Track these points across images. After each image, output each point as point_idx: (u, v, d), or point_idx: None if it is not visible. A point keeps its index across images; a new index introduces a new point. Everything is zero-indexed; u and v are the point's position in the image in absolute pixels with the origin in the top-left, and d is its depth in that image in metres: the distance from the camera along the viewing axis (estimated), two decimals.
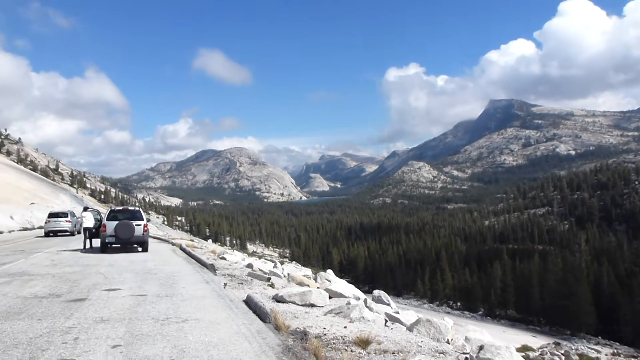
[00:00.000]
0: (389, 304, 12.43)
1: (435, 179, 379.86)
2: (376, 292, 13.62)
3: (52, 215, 32.44)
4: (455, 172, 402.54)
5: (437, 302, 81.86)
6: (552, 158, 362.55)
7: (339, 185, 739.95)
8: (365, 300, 10.90)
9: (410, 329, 7.45)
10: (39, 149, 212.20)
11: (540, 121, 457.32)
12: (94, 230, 20.87)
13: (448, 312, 69.03)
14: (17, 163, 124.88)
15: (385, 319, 8.48)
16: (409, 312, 11.60)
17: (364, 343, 5.61)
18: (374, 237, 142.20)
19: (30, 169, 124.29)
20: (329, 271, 17.84)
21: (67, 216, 32.69)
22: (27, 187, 69.85)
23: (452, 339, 7.34)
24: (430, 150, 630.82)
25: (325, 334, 6.12)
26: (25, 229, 40.72)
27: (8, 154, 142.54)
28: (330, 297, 9.41)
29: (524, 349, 36.42)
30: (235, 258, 19.89)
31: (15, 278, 11.01)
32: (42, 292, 9.02)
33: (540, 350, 38.01)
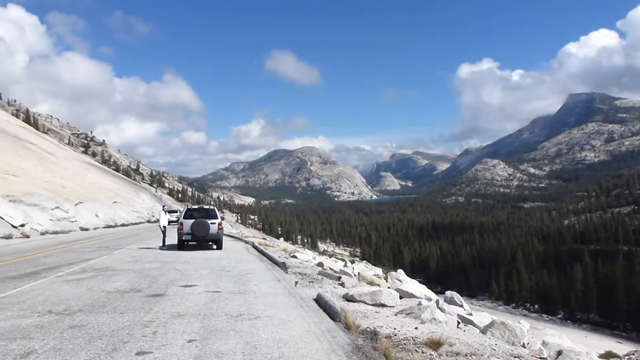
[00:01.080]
0: (461, 306, 12.15)
1: (511, 177, 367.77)
2: (448, 293, 13.35)
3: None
4: (532, 170, 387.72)
5: (513, 305, 79.20)
6: (639, 154, 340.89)
7: (410, 184, 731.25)
8: (437, 301, 10.71)
9: (483, 331, 7.24)
10: (121, 150, 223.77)
11: (624, 115, 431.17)
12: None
13: (524, 315, 66.68)
14: (102, 164, 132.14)
15: (457, 321, 8.30)
16: (482, 314, 11.28)
17: (435, 345, 5.51)
18: (447, 237, 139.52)
19: (113, 169, 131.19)
20: (400, 271, 17.65)
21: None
22: (110, 186, 73.70)
23: (528, 343, 7.06)
24: (505, 147, 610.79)
25: (395, 335, 6.07)
26: (109, 227, 42.98)
27: (93, 155, 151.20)
28: (401, 298, 9.33)
29: (607, 355, 34.38)
30: (306, 257, 20.09)
31: (100, 273, 11.65)
32: (124, 287, 9.50)
33: (626, 357, 35.84)
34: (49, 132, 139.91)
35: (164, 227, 21.36)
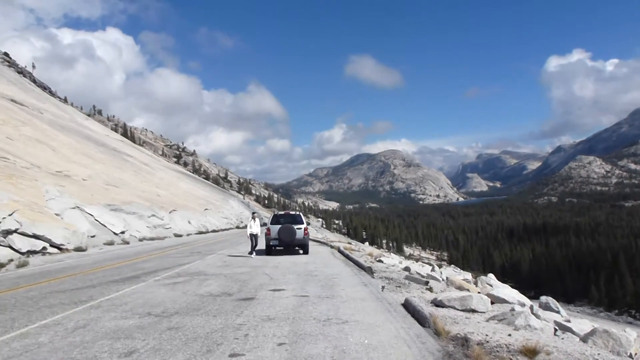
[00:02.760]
0: (558, 312, 11.55)
1: (609, 174, 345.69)
2: (543, 298, 12.73)
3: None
4: (632, 166, 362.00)
5: (616, 311, 74.11)
6: None
7: (498, 185, 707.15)
8: (531, 307, 10.24)
9: (584, 339, 6.84)
10: (211, 159, 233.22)
11: None
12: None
13: (629, 323, 62.21)
14: (193, 173, 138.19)
15: (554, 328, 7.90)
16: (581, 321, 10.65)
17: (531, 353, 5.27)
18: (539, 239, 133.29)
19: (203, 178, 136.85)
20: (490, 275, 17.08)
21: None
22: (201, 194, 76.84)
23: (635, 353, 6.59)
24: (601, 142, 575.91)
25: (487, 341, 5.87)
26: (200, 233, 44.82)
27: (185, 164, 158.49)
28: (492, 303, 9.01)
29: None
30: (392, 261, 19.90)
31: (194, 277, 12.16)
32: (216, 291, 9.85)
33: None
34: (144, 145, 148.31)
35: (255, 234, 19.82)
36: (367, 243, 77.60)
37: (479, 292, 10.36)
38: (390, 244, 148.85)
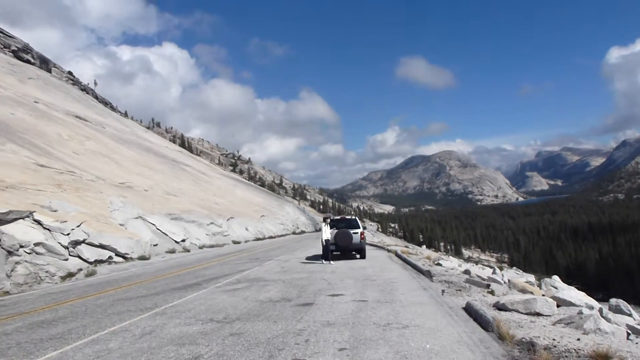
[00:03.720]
0: (630, 315, 11.05)
1: None
2: (613, 300, 12.20)
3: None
4: None
5: None
6: None
7: (559, 183, 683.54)
8: (600, 310, 9.84)
9: None
10: (265, 166, 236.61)
11: None
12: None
13: None
14: (248, 180, 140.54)
15: (627, 332, 7.53)
16: None
17: (602, 358, 5.05)
18: (606, 239, 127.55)
19: (259, 185, 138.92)
20: (555, 277, 16.53)
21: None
22: (257, 201, 77.99)
23: None
24: None
25: (555, 346, 5.67)
26: (258, 239, 45.44)
27: (241, 172, 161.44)
28: (558, 306, 8.70)
29: None
30: (450, 264, 19.58)
31: (253, 283, 12.35)
32: (276, 297, 9.96)
33: None
34: (201, 154, 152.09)
35: (327, 240, 18.43)
36: (424, 246, 76.64)
37: (543, 295, 10.02)
38: (448, 247, 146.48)
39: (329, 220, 19.86)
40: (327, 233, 18.33)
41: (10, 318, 8.64)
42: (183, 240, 29.05)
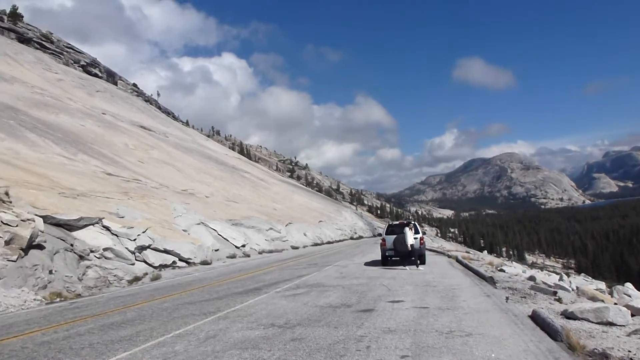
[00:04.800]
0: None
1: None
2: None
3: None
4: None
5: None
6: None
7: (630, 185, 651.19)
8: None
9: None
10: (322, 172, 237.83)
11: None
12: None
13: None
14: (306, 186, 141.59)
15: None
16: None
17: None
18: None
19: (316, 191, 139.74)
20: (628, 284, 15.74)
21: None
22: (315, 207, 78.44)
23: None
24: None
25: (631, 358, 5.39)
26: (316, 244, 45.69)
27: (298, 178, 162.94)
28: (632, 315, 8.26)
29: None
30: (514, 270, 18.98)
31: (313, 289, 12.40)
32: (335, 302, 9.96)
33: None
34: (259, 161, 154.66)
35: (411, 245, 18.17)
36: (485, 252, 74.70)
37: (615, 304, 9.55)
38: (511, 252, 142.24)
39: (412, 224, 19.59)
40: (411, 238, 18.08)
41: (82, 320, 9.04)
42: (243, 246, 29.56)
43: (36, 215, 15.11)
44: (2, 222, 13.02)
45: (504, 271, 17.16)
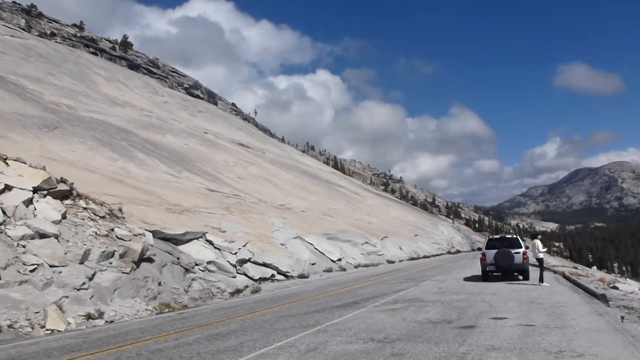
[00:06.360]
0: None
1: None
2: None
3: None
4: None
5: None
6: None
7: None
8: None
9: None
10: (417, 185, 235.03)
11: None
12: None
13: None
14: (400, 199, 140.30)
15: None
16: None
17: None
18: None
19: (411, 204, 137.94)
20: None
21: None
22: (410, 220, 77.44)
23: None
24: None
25: None
26: (412, 259, 45.04)
27: (392, 191, 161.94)
28: None
29: None
30: (629, 287, 17.61)
31: (411, 304, 12.24)
32: (435, 318, 9.77)
33: None
34: (353, 175, 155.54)
35: (540, 260, 17.64)
36: (594, 267, 69.91)
37: None
38: (623, 268, 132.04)
39: (539, 236, 18.99)
40: (541, 253, 17.57)
41: (190, 330, 9.53)
42: (339, 260, 29.77)
43: (146, 230, 16.20)
44: (117, 236, 14.09)
45: (617, 288, 15.99)
